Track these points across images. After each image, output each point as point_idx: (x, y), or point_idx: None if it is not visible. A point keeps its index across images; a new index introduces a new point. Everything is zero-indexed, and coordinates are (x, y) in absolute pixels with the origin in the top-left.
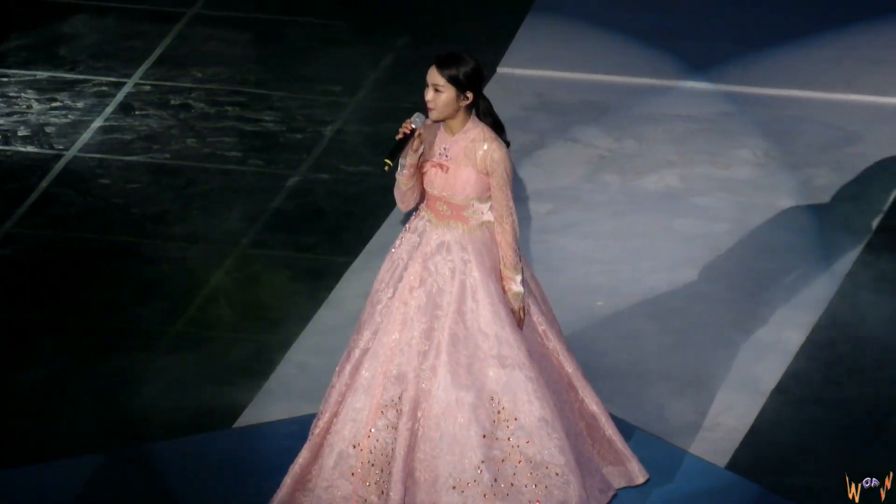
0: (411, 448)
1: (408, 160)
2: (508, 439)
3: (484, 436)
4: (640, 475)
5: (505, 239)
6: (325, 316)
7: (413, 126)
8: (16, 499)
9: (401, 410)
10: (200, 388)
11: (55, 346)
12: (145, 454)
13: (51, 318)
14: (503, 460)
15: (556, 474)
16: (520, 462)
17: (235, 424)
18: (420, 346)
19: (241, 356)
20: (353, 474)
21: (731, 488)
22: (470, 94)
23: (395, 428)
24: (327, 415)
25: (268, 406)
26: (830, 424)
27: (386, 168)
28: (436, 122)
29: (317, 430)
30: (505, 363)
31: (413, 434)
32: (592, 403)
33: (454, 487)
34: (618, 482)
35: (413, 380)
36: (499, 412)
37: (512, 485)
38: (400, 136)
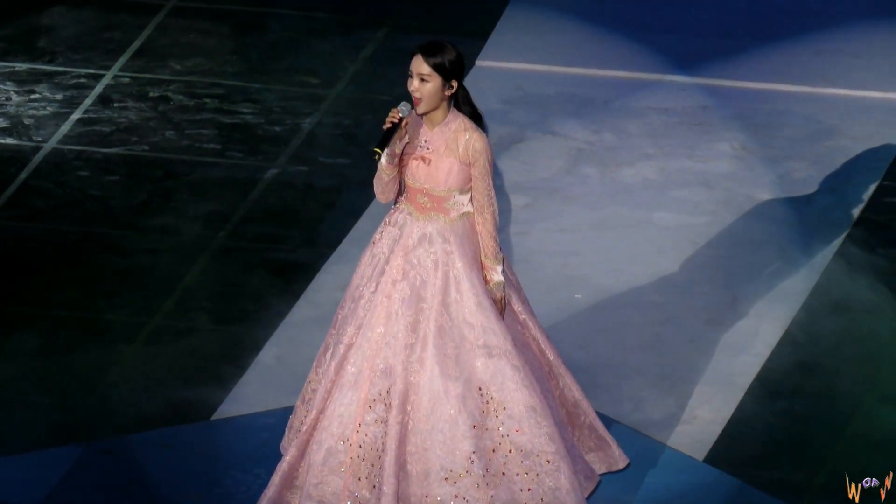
0: (402, 441)
1: (395, 149)
2: (498, 429)
3: (474, 426)
4: (620, 460)
5: (486, 228)
6: (303, 309)
7: (401, 115)
8: None
9: (390, 404)
10: (177, 380)
11: (31, 337)
12: (122, 446)
13: (27, 309)
14: (494, 450)
15: (547, 462)
16: (510, 451)
17: (212, 417)
18: (406, 338)
19: (219, 348)
20: (342, 469)
21: (709, 481)
22: (454, 83)
23: (384, 422)
24: (314, 412)
25: (245, 398)
26: (807, 418)
27: (376, 157)
28: (422, 114)
29: (304, 428)
30: (492, 353)
31: (403, 427)
32: (574, 390)
33: (446, 479)
34: (599, 468)
35: (401, 373)
36: (487, 402)
37: (503, 474)
38: (388, 125)
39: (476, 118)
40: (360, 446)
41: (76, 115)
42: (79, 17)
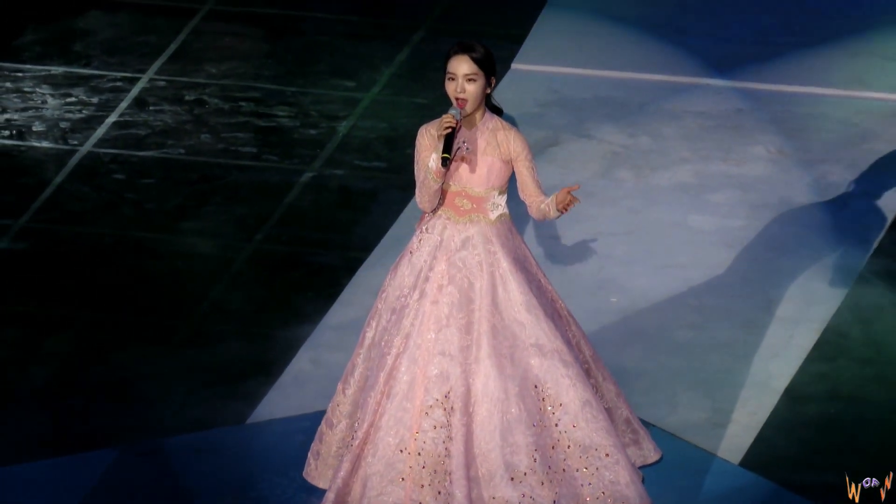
0: (468, 444)
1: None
2: (556, 425)
3: (534, 424)
4: (654, 453)
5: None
6: (338, 312)
7: (456, 119)
8: (28, 494)
9: (451, 408)
10: (213, 383)
11: (68, 340)
12: (158, 449)
13: (64, 312)
14: (553, 447)
15: (606, 455)
16: (569, 447)
17: (248, 420)
18: (461, 341)
19: (255, 351)
20: (402, 479)
21: (744, 485)
22: (493, 81)
23: (445, 427)
24: (365, 425)
25: (280, 402)
26: (843, 422)
27: (446, 165)
28: (468, 114)
29: (355, 442)
30: (543, 351)
31: (468, 430)
32: (611, 386)
33: (512, 479)
34: (635, 462)
35: (460, 376)
36: (543, 399)
37: (564, 470)
38: (447, 130)
39: (496, 111)
40: (420, 454)
41: (112, 119)
42: (115, 20)
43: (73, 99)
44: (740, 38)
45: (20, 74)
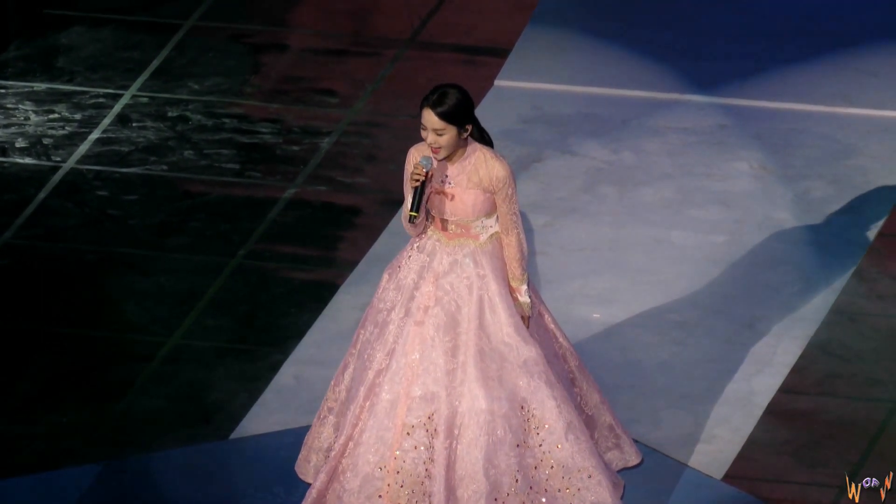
0: (451, 466)
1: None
2: (540, 446)
3: (518, 445)
4: (635, 457)
5: (510, 253)
6: (322, 327)
7: (426, 171)
8: None
9: (435, 430)
10: (196, 399)
11: (51, 357)
12: (141, 465)
13: (47, 328)
14: (536, 467)
15: (589, 476)
16: (552, 467)
17: (231, 436)
18: (447, 364)
19: (238, 367)
20: (380, 496)
21: (728, 500)
22: (469, 126)
23: (427, 448)
24: (342, 438)
25: (264, 417)
26: (826, 437)
27: (414, 220)
28: (443, 159)
29: (332, 454)
30: (531, 372)
31: (452, 452)
32: (594, 392)
33: (495, 500)
34: (616, 466)
35: (446, 398)
36: (528, 420)
37: (546, 490)
38: (416, 184)
39: (488, 143)
40: (398, 472)
41: (95, 135)
42: (98, 36)
43: (55, 115)
44: (723, 55)
45: (3, 91)
